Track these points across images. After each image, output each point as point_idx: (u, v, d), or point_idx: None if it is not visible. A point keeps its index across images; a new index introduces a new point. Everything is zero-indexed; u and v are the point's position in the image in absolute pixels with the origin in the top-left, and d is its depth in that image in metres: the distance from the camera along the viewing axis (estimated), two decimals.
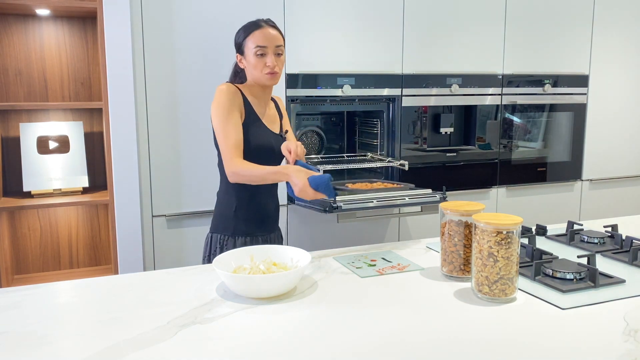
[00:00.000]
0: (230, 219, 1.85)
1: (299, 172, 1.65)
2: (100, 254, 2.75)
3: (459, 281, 1.40)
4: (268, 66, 1.78)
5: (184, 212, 2.45)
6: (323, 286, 1.37)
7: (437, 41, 2.82)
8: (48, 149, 2.54)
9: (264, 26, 1.81)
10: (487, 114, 3.00)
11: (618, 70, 3.28)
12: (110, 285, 1.41)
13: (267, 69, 1.79)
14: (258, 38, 1.78)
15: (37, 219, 2.63)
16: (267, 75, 1.79)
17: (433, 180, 2.87)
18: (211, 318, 1.18)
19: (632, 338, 1.07)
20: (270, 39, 1.79)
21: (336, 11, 2.59)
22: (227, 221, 1.86)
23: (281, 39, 1.82)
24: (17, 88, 2.55)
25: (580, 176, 3.28)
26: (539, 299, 1.27)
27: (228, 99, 1.78)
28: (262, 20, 1.83)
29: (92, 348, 1.04)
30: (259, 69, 1.79)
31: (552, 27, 3.07)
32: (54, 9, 2.41)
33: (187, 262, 2.42)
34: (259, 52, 1.78)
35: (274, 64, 1.78)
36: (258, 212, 1.88)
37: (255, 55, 1.78)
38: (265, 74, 1.79)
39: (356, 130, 3.08)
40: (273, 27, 1.83)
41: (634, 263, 1.52)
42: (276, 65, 1.79)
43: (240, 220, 1.85)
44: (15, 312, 1.22)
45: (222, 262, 1.37)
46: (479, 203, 1.42)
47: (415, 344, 1.06)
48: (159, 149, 2.38)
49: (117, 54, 2.26)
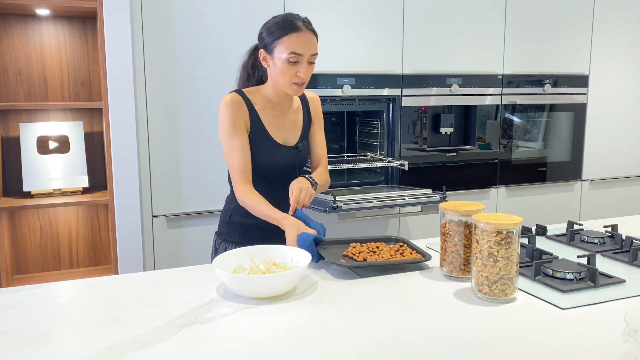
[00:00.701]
0: (224, 224, 1.79)
1: (291, 227, 1.52)
2: (100, 254, 2.75)
3: (459, 281, 1.40)
4: (299, 76, 1.59)
5: (184, 212, 2.45)
6: (323, 286, 1.37)
7: (437, 41, 2.82)
8: (48, 149, 2.54)
9: (302, 29, 1.57)
10: (487, 114, 3.00)
11: (618, 70, 3.28)
12: (110, 285, 1.41)
13: (297, 79, 1.59)
14: (295, 43, 1.56)
15: (37, 219, 2.63)
16: (295, 86, 1.60)
17: (433, 180, 2.87)
18: (211, 318, 1.17)
19: (632, 338, 1.07)
20: (308, 46, 1.57)
21: (336, 11, 2.59)
22: (223, 226, 1.80)
23: (317, 45, 1.61)
24: (17, 88, 2.55)
25: (580, 176, 3.28)
26: (539, 299, 1.27)
27: (232, 115, 1.62)
28: (299, 20, 1.59)
29: (92, 348, 1.04)
30: (287, 77, 1.59)
31: (552, 27, 3.07)
32: (54, 9, 2.41)
33: (187, 262, 2.42)
34: (292, 59, 1.56)
35: (306, 75, 1.59)
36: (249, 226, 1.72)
37: (288, 62, 1.56)
38: (292, 84, 1.60)
39: (356, 130, 3.08)
40: (312, 31, 1.60)
41: (634, 263, 1.52)
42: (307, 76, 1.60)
43: (231, 229, 1.77)
44: (15, 312, 1.22)
45: (222, 262, 1.37)
46: (479, 203, 1.42)
47: (415, 344, 1.06)
48: (159, 149, 2.38)
49: (117, 54, 2.26)
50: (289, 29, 1.56)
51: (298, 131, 1.76)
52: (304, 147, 1.77)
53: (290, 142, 1.73)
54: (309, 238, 1.49)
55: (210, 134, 2.45)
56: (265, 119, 1.69)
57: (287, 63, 1.57)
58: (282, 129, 1.72)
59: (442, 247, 1.45)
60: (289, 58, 1.56)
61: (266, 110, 1.69)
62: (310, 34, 1.59)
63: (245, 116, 1.65)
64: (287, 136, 1.73)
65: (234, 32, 2.45)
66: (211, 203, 2.48)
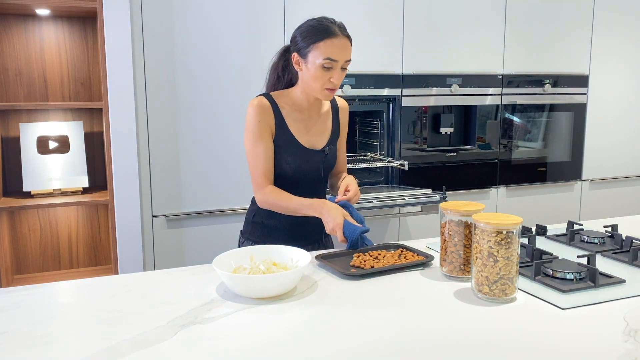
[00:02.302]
0: (248, 224, 1.79)
1: (335, 210, 1.52)
2: (100, 254, 2.75)
3: (459, 281, 1.40)
4: (332, 82, 1.57)
5: (184, 212, 2.45)
6: (323, 286, 1.37)
7: (437, 41, 2.82)
8: (48, 149, 2.54)
9: (339, 35, 1.55)
10: (487, 114, 3.00)
11: (618, 70, 3.28)
12: (110, 285, 1.41)
13: (330, 84, 1.57)
14: (331, 50, 1.54)
15: (37, 219, 2.63)
16: (327, 92, 1.59)
17: (433, 180, 2.87)
18: (211, 318, 1.17)
19: (632, 338, 1.07)
20: (344, 53, 1.56)
21: (336, 11, 2.59)
22: (247, 225, 1.80)
23: (351, 51, 1.60)
24: (17, 88, 2.55)
25: (580, 176, 3.28)
26: (539, 299, 1.27)
27: (258, 120, 1.61)
28: (335, 25, 1.57)
29: (92, 348, 1.04)
30: (320, 82, 1.57)
31: (552, 27, 3.07)
32: (54, 9, 2.41)
33: (187, 262, 2.42)
34: (327, 65, 1.55)
35: (338, 82, 1.57)
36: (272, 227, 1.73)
37: (322, 67, 1.55)
38: (325, 90, 1.58)
39: (356, 130, 3.08)
40: (347, 36, 1.59)
41: (634, 263, 1.52)
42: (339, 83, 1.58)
43: (255, 228, 1.76)
44: (15, 312, 1.22)
45: (222, 262, 1.37)
46: (479, 203, 1.42)
47: (415, 344, 1.06)
48: (159, 149, 2.38)
49: (117, 54, 2.26)
50: (325, 34, 1.55)
51: (326, 135, 1.74)
52: (332, 151, 1.75)
53: (317, 146, 1.72)
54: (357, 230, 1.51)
55: (211, 133, 2.45)
56: (291, 123, 1.67)
57: (321, 68, 1.56)
58: (309, 132, 1.70)
59: (442, 247, 1.45)
60: (324, 64, 1.55)
61: (293, 113, 1.68)
62: (346, 40, 1.58)
63: (270, 121, 1.64)
64: (314, 140, 1.71)
65: (234, 32, 2.45)
66: (211, 203, 2.48)
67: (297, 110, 1.68)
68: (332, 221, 1.53)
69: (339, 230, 1.53)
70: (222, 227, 2.50)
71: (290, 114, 1.67)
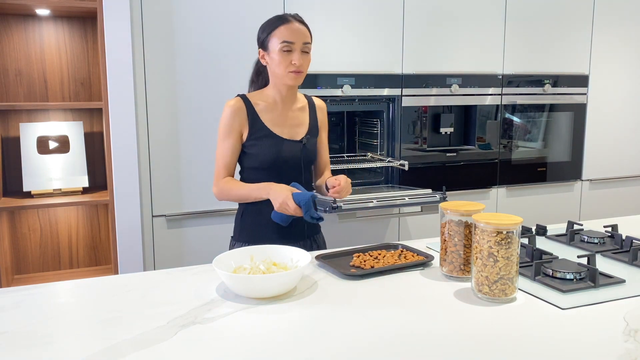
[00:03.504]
0: (237, 225, 1.84)
1: (280, 187, 1.60)
2: (100, 254, 2.75)
3: (459, 281, 1.40)
4: (294, 64, 1.66)
5: (184, 212, 2.45)
6: (323, 286, 1.37)
7: (437, 41, 2.82)
8: (48, 149, 2.54)
9: (291, 20, 1.68)
10: (487, 114, 3.00)
11: (618, 70, 3.28)
12: (110, 285, 1.41)
13: (292, 67, 1.67)
14: (284, 33, 1.66)
15: (37, 219, 2.63)
16: (292, 74, 1.68)
17: (433, 180, 2.87)
18: (211, 318, 1.18)
19: (632, 338, 1.07)
20: (298, 35, 1.67)
21: (336, 11, 2.59)
22: (236, 225, 1.85)
23: (309, 35, 1.71)
24: (17, 88, 2.55)
25: (580, 176, 3.28)
26: (539, 299, 1.27)
27: (229, 119, 1.72)
28: (289, 15, 1.71)
29: (92, 348, 1.04)
30: (283, 66, 1.67)
31: (552, 27, 3.07)
32: (54, 9, 2.41)
33: (187, 262, 2.42)
34: (285, 48, 1.65)
35: (300, 62, 1.67)
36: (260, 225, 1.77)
37: (281, 51, 1.66)
38: (289, 73, 1.67)
39: (356, 130, 3.08)
40: (301, 22, 1.71)
41: (634, 263, 1.52)
42: (302, 64, 1.68)
43: (243, 229, 1.81)
44: (15, 312, 1.22)
45: (222, 262, 1.37)
46: (479, 203, 1.42)
47: (415, 344, 1.06)
48: (159, 149, 2.39)
49: (117, 54, 2.26)
50: (278, 23, 1.68)
51: (303, 128, 1.81)
52: (310, 142, 1.81)
53: (295, 137, 1.79)
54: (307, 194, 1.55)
55: (211, 133, 2.45)
56: (266, 118, 1.76)
57: (281, 53, 1.66)
58: (285, 124, 1.78)
59: (442, 247, 1.45)
60: (282, 47, 1.66)
61: (268, 108, 1.77)
62: (300, 24, 1.69)
63: (242, 120, 1.74)
64: (292, 132, 1.78)
65: (234, 32, 2.45)
66: (211, 203, 2.48)
67: (271, 104, 1.77)
68: (280, 196, 1.59)
69: (289, 201, 1.58)
70: (222, 227, 2.50)
71: (264, 109, 1.76)
